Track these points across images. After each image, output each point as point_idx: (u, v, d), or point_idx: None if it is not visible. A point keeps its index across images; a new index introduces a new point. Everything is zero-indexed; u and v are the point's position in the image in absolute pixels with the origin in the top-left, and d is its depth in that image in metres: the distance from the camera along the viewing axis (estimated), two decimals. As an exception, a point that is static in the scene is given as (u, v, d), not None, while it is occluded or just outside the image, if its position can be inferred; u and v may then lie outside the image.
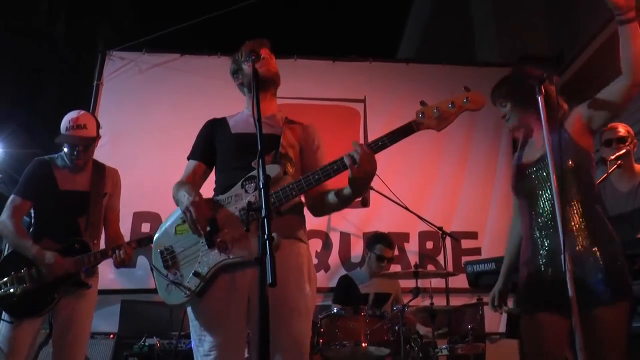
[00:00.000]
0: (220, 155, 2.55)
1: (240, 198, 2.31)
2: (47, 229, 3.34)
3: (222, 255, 2.25)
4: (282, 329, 2.20)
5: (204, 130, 2.65)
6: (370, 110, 6.32)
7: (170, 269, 2.36)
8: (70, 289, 3.28)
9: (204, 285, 2.26)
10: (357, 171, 2.16)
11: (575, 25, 7.00)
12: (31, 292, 3.18)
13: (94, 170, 3.54)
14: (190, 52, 6.48)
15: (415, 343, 4.28)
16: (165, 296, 2.36)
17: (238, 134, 2.53)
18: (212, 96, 5.71)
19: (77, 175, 3.48)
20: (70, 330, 3.27)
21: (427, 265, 5.71)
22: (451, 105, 2.22)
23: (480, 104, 2.23)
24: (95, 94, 6.16)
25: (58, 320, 3.28)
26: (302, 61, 6.45)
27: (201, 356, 2.29)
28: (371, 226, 5.80)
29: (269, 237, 1.72)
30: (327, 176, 2.23)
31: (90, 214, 3.43)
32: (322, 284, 5.60)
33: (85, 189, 3.46)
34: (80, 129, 3.40)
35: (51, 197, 3.39)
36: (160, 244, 2.44)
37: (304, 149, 2.58)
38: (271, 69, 2.57)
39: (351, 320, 4.08)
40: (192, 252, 2.33)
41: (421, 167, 6.17)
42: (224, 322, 2.27)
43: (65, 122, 3.42)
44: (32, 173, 3.45)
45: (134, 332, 4.90)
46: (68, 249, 3.28)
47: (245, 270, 2.26)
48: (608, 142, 3.77)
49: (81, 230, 3.38)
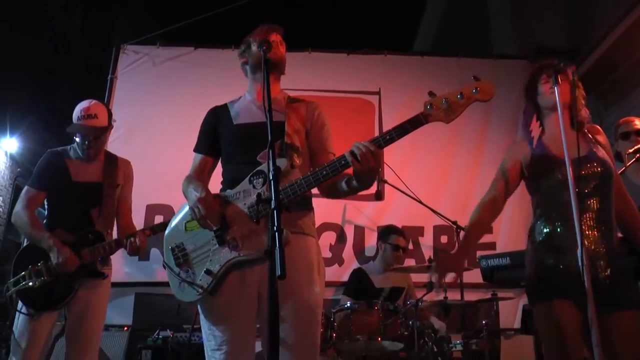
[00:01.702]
0: (225, 147, 2.52)
1: (248, 194, 2.28)
2: (61, 220, 3.34)
3: (233, 253, 2.24)
4: (293, 322, 2.20)
5: (207, 121, 2.63)
6: (385, 102, 6.29)
7: (182, 267, 2.35)
8: (87, 280, 3.29)
9: (216, 283, 2.26)
10: (360, 167, 2.12)
11: (592, 17, 6.91)
12: (49, 284, 3.19)
13: (106, 161, 3.55)
14: (204, 46, 6.49)
15: (429, 338, 4.25)
16: (178, 294, 2.36)
17: (241, 124, 2.50)
18: (226, 89, 5.57)
19: (89, 166, 3.48)
20: (84, 322, 3.28)
21: (441, 260, 5.66)
22: (460, 96, 2.14)
23: (490, 94, 2.15)
24: (109, 87, 6.20)
25: (72, 312, 3.29)
26: (316, 54, 6.44)
27: (211, 350, 2.28)
28: (385, 219, 5.77)
29: (279, 229, 1.69)
30: (335, 171, 2.18)
31: (103, 205, 3.43)
32: (336, 277, 5.59)
33: (98, 180, 3.46)
34: (92, 119, 3.40)
35: (64, 188, 3.39)
36: (171, 240, 2.43)
37: (311, 128, 2.54)
38: (278, 53, 2.51)
39: (365, 315, 4.06)
40: (203, 250, 2.32)
41: (436, 160, 6.12)
42: (234, 317, 2.26)
43: (77, 111, 3.43)
44: (45, 164, 3.45)
45: (148, 325, 4.93)
46: (82, 240, 3.29)
47: (254, 267, 2.25)
48: (625, 135, 3.74)
49: (94, 221, 3.39)
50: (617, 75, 6.59)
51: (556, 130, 2.56)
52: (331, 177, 2.20)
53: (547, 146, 2.62)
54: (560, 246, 2.46)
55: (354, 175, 2.22)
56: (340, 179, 2.36)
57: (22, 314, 3.21)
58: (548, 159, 2.57)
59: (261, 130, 2.07)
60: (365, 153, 2.09)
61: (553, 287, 2.43)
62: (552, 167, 2.55)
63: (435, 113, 2.15)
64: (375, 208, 5.86)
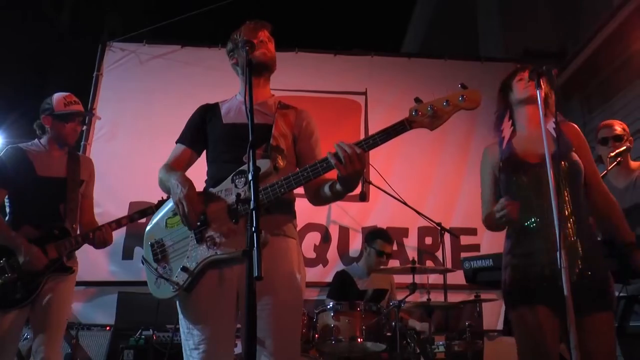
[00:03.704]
0: (212, 145, 2.51)
1: (230, 192, 2.27)
2: (26, 216, 3.30)
3: (211, 251, 2.24)
4: (272, 322, 2.19)
5: (195, 116, 2.60)
6: (371, 103, 6.29)
7: (160, 262, 2.34)
8: (54, 275, 3.25)
9: (192, 280, 2.25)
10: (343, 170, 2.10)
11: (579, 20, 6.96)
12: (14, 281, 3.14)
13: (69, 157, 3.55)
14: (191, 44, 6.46)
15: (411, 339, 4.26)
16: (154, 289, 2.35)
17: (229, 124, 2.48)
18: (213, 88, 5.64)
19: (53, 162, 3.47)
20: (48, 314, 3.22)
21: (425, 261, 5.69)
22: (446, 104, 2.13)
23: (476, 102, 2.14)
24: (94, 85, 6.16)
25: (37, 305, 3.23)
26: (303, 54, 6.44)
27: (190, 350, 2.27)
28: (370, 221, 5.78)
29: (257, 230, 1.68)
30: (316, 174, 2.17)
31: (68, 200, 3.41)
32: (320, 278, 5.58)
33: (62, 175, 3.45)
34: (78, 104, 3.54)
35: (29, 183, 3.35)
36: (151, 236, 2.42)
37: (298, 136, 2.52)
38: (267, 53, 2.49)
39: (347, 316, 4.05)
40: (181, 246, 2.31)
41: (421, 162, 6.13)
42: (212, 316, 2.24)
43: (60, 99, 3.49)
44: (7, 160, 3.40)
45: (130, 324, 4.89)
46: (47, 235, 3.26)
47: (232, 265, 2.24)
48: (604, 140, 3.83)
49: (61, 216, 3.37)
50: (601, 78, 6.65)
51: (526, 127, 2.62)
52: (312, 178, 2.19)
53: (515, 147, 2.63)
54: (532, 249, 2.46)
55: (338, 178, 2.20)
56: (323, 184, 2.36)
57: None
58: (515, 161, 2.57)
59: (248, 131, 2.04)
60: (351, 155, 2.07)
61: (526, 293, 2.43)
62: (518, 169, 2.55)
63: (420, 119, 2.14)
64: (360, 209, 5.86)
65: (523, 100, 2.67)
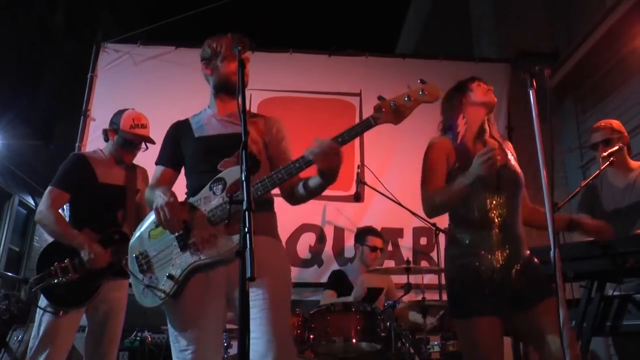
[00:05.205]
0: (188, 159, 2.59)
1: (208, 200, 2.35)
2: (87, 221, 3.41)
3: (194, 257, 2.30)
4: (264, 319, 2.22)
5: (169, 135, 2.68)
6: (366, 103, 6.28)
7: (145, 273, 2.41)
8: (111, 279, 3.36)
9: (178, 287, 2.31)
10: (321, 163, 2.22)
11: (573, 20, 6.98)
12: (76, 281, 3.23)
13: (127, 166, 3.66)
14: (185, 45, 6.44)
15: (406, 339, 4.26)
16: (141, 299, 2.42)
17: (202, 137, 2.56)
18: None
19: (113, 170, 3.59)
20: (107, 324, 3.39)
21: (420, 261, 5.69)
22: (407, 99, 2.28)
23: (435, 96, 2.30)
24: (89, 86, 6.14)
25: (96, 313, 3.38)
26: (297, 55, 6.39)
27: (179, 351, 2.32)
28: (365, 221, 5.77)
29: (250, 230, 1.71)
30: (290, 175, 2.28)
31: (126, 207, 3.53)
32: (315, 279, 5.60)
33: (121, 184, 3.57)
34: (144, 128, 3.63)
35: (91, 189, 3.47)
36: (135, 249, 2.49)
37: (269, 142, 2.60)
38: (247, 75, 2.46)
39: (342, 316, 4.05)
40: (165, 255, 2.38)
41: (415, 162, 6.01)
42: (200, 318, 2.30)
43: (128, 119, 3.59)
44: (72, 166, 3.53)
45: (125, 326, 4.84)
46: (107, 239, 3.36)
47: (217, 268, 2.31)
48: (594, 146, 3.88)
49: (119, 222, 3.49)
50: (595, 79, 6.68)
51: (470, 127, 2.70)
52: (286, 180, 2.29)
53: (468, 146, 2.68)
54: (478, 256, 2.52)
55: (319, 171, 2.30)
56: (297, 184, 2.46)
57: (46, 312, 3.23)
58: (471, 158, 2.55)
59: (220, 142, 2.34)
60: (327, 148, 2.20)
61: (471, 304, 2.48)
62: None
63: (385, 116, 2.29)
64: (354, 209, 5.87)
65: (481, 103, 2.75)
